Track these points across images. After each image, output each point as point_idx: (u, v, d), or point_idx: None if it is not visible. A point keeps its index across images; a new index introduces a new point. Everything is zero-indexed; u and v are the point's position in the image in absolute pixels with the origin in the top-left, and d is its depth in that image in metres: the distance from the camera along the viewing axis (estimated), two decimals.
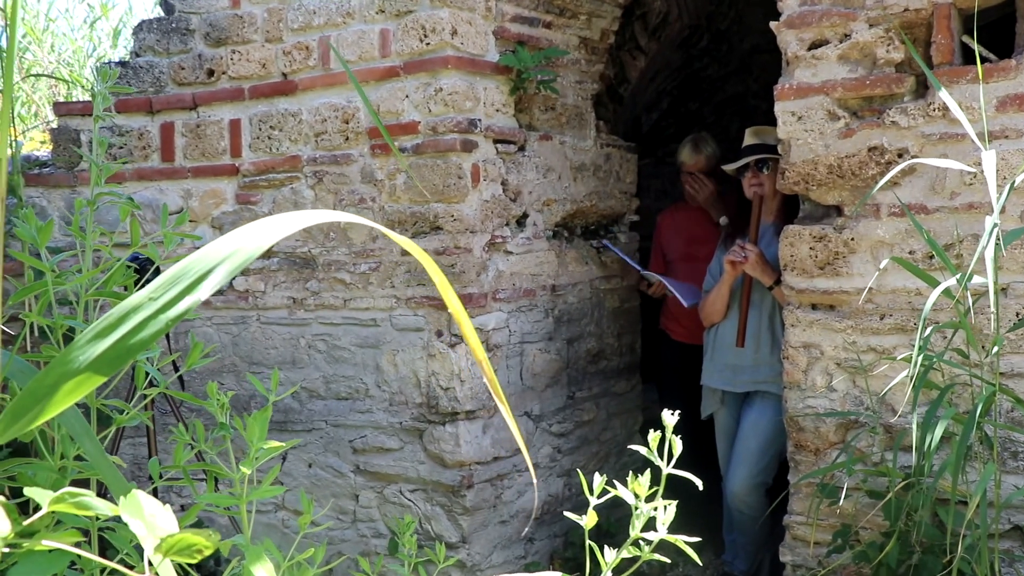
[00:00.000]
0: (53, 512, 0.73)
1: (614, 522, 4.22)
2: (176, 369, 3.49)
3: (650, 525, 1.26)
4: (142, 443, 3.87)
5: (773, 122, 3.19)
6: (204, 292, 0.68)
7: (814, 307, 3.15)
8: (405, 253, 3.56)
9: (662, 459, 1.19)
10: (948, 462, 2.55)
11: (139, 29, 3.98)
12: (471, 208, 3.47)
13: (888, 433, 3.02)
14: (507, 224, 3.68)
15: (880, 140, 2.96)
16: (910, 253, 2.95)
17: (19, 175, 3.95)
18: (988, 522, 2.55)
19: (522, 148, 3.75)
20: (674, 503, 1.16)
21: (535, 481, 3.94)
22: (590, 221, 4.24)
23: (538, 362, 3.84)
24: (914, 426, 2.57)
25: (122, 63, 4.01)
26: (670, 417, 1.21)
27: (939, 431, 2.49)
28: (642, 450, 1.22)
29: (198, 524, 3.89)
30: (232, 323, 3.92)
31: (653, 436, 1.19)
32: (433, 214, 3.49)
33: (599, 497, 1.13)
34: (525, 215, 3.78)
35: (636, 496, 1.13)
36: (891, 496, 2.75)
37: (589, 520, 1.16)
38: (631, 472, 1.18)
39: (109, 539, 1.13)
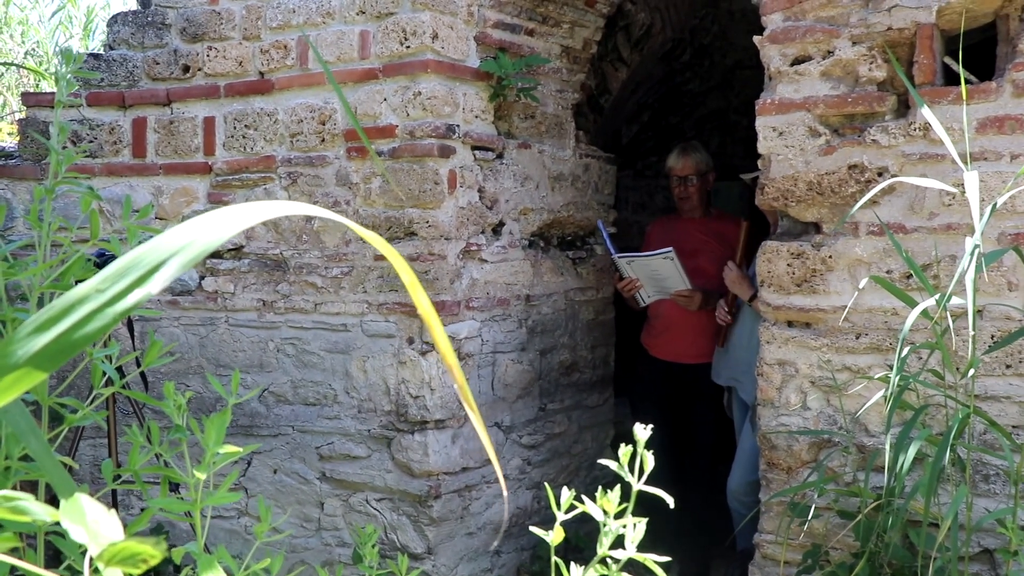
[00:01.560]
0: None
1: (583, 536, 4.17)
2: (140, 368, 3.41)
3: (618, 542, 1.22)
4: (102, 444, 3.77)
5: (754, 138, 3.17)
6: (156, 285, 0.63)
7: (790, 324, 3.13)
8: (378, 258, 3.50)
9: (633, 475, 1.15)
10: (920, 483, 2.53)
11: (114, 22, 3.91)
12: (447, 215, 3.43)
13: (861, 453, 3.00)
14: (483, 232, 3.63)
15: (860, 158, 2.95)
16: (887, 272, 2.94)
17: None
18: (959, 545, 2.54)
19: (500, 156, 3.71)
20: (644, 520, 1.12)
21: (505, 493, 3.88)
22: (567, 232, 4.20)
23: (510, 372, 3.80)
24: (887, 446, 2.56)
25: (95, 55, 3.93)
26: (642, 431, 1.16)
27: (912, 452, 2.46)
28: (612, 465, 1.17)
29: (157, 529, 3.80)
30: (200, 324, 3.84)
31: (624, 451, 1.15)
32: (408, 219, 3.44)
33: (567, 512, 1.09)
34: (501, 223, 3.73)
35: (605, 512, 1.09)
36: (862, 517, 2.73)
37: (556, 536, 1.12)
38: (601, 487, 1.14)
39: (57, 544, 1.07)
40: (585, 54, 4.16)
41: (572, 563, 4.07)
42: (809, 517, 2.88)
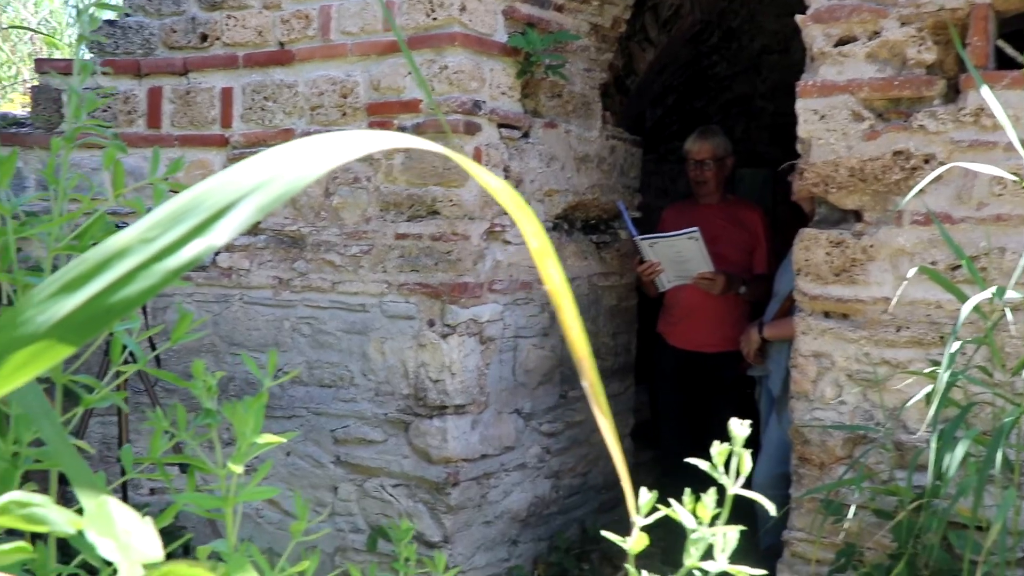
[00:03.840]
0: None
1: (600, 527, 4.07)
2: (153, 347, 3.29)
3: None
4: (112, 421, 3.67)
5: (780, 124, 3.05)
6: (222, 234, 0.48)
7: (827, 315, 3.01)
8: (399, 236, 3.39)
9: (728, 476, 1.03)
10: (966, 484, 2.42)
11: None
12: (471, 193, 3.31)
13: (899, 450, 2.88)
14: (507, 212, 3.51)
15: (906, 144, 2.82)
16: (932, 263, 2.82)
17: None
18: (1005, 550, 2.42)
19: (526, 134, 3.59)
20: (738, 528, 1.01)
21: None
22: (591, 215, 4.08)
23: (532, 358, 3.69)
24: (933, 445, 2.44)
25: (110, 22, 3.82)
26: (739, 428, 1.05)
27: (960, 451, 2.35)
28: (704, 465, 1.06)
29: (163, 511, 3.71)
30: (214, 301, 3.74)
31: (720, 449, 1.03)
32: (431, 197, 3.32)
33: (649, 516, 0.97)
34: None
35: (697, 518, 0.98)
36: (903, 517, 2.62)
37: (637, 543, 1.01)
38: (689, 490, 1.03)
39: (71, 541, 0.97)
40: (614, 32, 4.03)
41: (592, 555, 3.95)
42: (848, 516, 2.77)
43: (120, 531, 0.52)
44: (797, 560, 3.08)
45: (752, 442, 4.07)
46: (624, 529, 3.86)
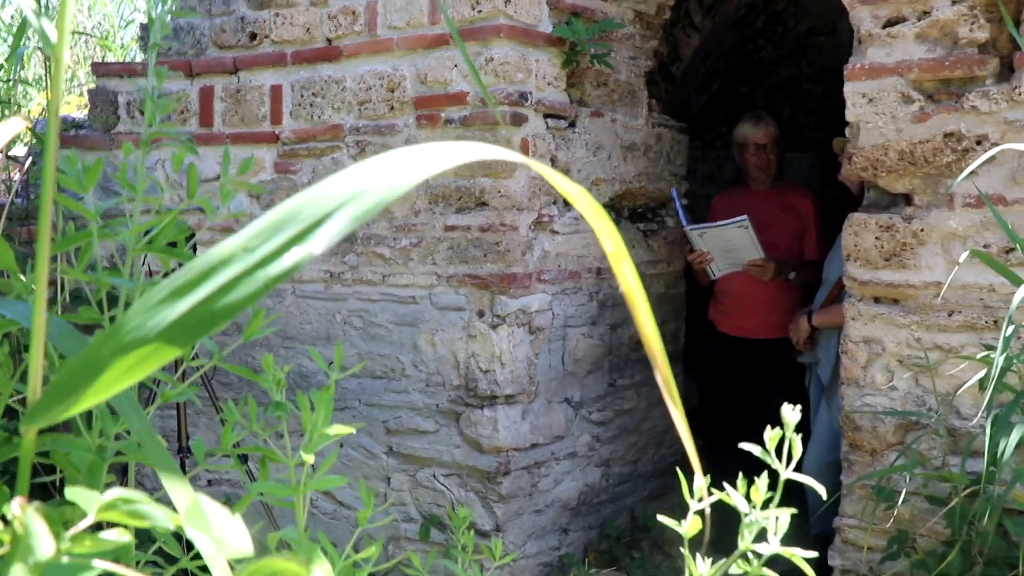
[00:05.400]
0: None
1: (650, 515, 4.10)
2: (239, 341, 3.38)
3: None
4: (168, 415, 3.77)
5: (827, 107, 3.03)
6: (319, 243, 0.52)
7: (877, 300, 2.99)
8: (448, 228, 3.43)
9: (781, 461, 1.05)
10: (1021, 470, 2.40)
11: None
12: (519, 184, 3.34)
13: (951, 436, 2.86)
14: (554, 203, 3.54)
15: (957, 125, 2.79)
16: (985, 246, 2.78)
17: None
18: None
19: (572, 124, 3.60)
20: (790, 511, 1.03)
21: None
22: (638, 203, 4.09)
23: (580, 347, 3.71)
24: (988, 430, 2.42)
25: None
26: (791, 414, 1.07)
27: (1015, 437, 2.33)
28: (756, 450, 1.08)
29: (225, 502, 3.80)
30: (267, 295, 3.81)
31: (772, 434, 1.05)
32: (479, 189, 3.35)
33: (703, 502, 1.00)
34: None
35: (750, 502, 1.00)
36: (956, 503, 2.60)
37: (691, 527, 1.03)
38: (742, 475, 1.05)
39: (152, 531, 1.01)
40: (658, 19, 4.02)
41: (641, 542, 3.95)
42: (898, 502, 2.76)
43: (214, 527, 0.56)
44: (848, 547, 3.07)
45: (802, 429, 4.05)
46: (674, 517, 3.87)
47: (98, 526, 0.69)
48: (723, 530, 1.31)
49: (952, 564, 2.59)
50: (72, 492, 0.62)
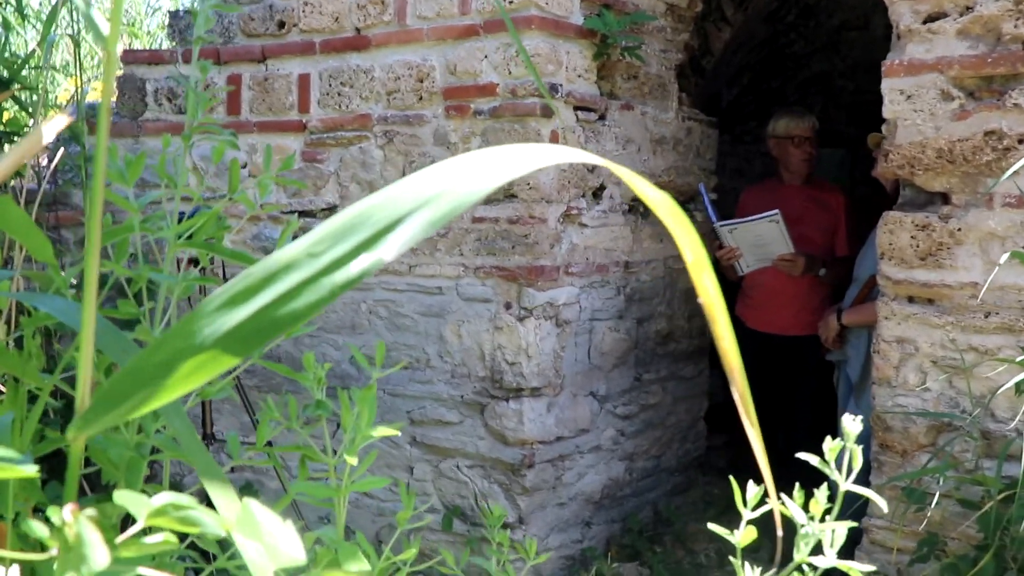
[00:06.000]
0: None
1: (673, 509, 4.07)
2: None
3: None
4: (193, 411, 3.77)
5: (859, 103, 2.98)
6: (391, 249, 0.49)
7: (911, 300, 2.94)
8: (476, 220, 3.41)
9: (841, 473, 1.02)
10: None
11: None
12: (548, 176, 3.31)
13: (986, 439, 2.82)
14: (583, 196, 3.51)
15: (999, 124, 2.73)
16: None
17: (83, 123, 3.86)
18: None
19: (602, 117, 3.57)
20: (848, 524, 1.00)
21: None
22: None
23: (607, 340, 3.68)
24: None
25: (189, 11, 3.89)
26: (851, 424, 1.04)
27: None
28: (814, 460, 1.05)
29: (246, 488, 3.81)
30: None
31: (832, 445, 1.02)
32: (508, 181, 3.32)
33: (754, 509, 0.97)
34: (602, 187, 3.60)
35: (808, 514, 0.97)
36: (991, 507, 2.56)
37: (745, 537, 1.00)
38: (798, 484, 1.02)
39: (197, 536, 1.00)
40: (690, 12, 3.97)
41: (664, 537, 3.92)
42: (931, 504, 2.72)
43: (266, 534, 0.54)
44: (877, 548, 3.03)
45: (829, 426, 4.02)
46: (696, 512, 3.83)
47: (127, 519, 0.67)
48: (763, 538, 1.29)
49: (985, 569, 2.56)
50: (121, 496, 0.60)
